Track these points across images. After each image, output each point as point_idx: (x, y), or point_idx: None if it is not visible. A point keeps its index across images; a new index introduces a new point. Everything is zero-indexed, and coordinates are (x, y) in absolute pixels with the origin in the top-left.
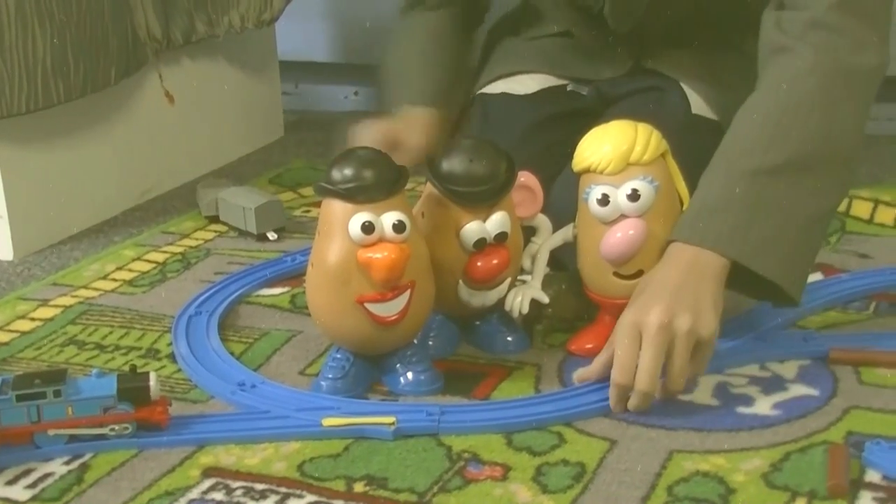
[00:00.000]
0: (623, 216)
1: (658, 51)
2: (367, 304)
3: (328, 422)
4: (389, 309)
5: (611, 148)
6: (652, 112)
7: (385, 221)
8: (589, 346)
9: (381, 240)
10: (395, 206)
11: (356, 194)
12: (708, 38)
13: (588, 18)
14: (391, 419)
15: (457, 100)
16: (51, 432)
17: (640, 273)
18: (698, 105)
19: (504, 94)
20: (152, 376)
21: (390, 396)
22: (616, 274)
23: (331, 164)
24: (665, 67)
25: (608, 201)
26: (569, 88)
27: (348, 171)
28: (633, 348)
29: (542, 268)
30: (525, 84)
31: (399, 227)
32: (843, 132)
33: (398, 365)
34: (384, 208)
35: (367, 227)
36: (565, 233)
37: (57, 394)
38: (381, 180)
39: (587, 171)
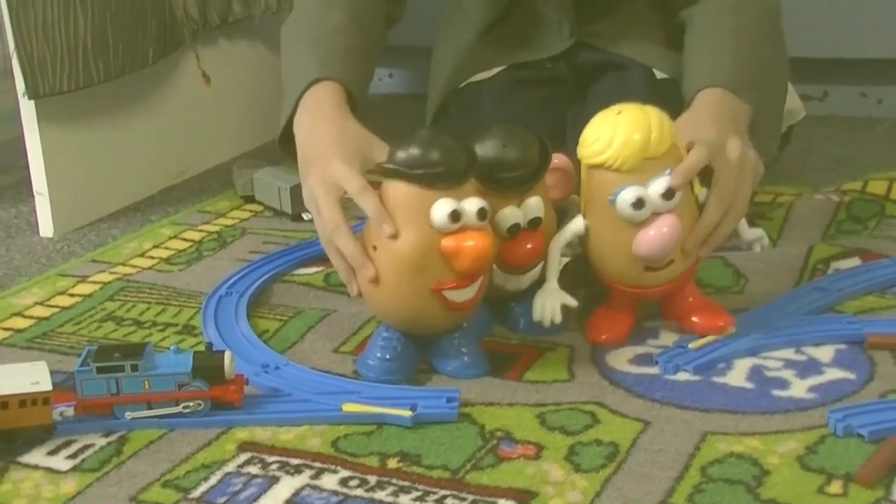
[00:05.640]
0: (653, 214)
1: (596, 25)
2: (444, 292)
3: (348, 407)
4: (464, 294)
5: (625, 142)
6: (622, 87)
7: (468, 208)
8: (604, 336)
9: (465, 227)
10: (473, 192)
11: (435, 180)
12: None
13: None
14: (408, 411)
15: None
16: (127, 415)
17: (671, 262)
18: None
19: (469, 83)
20: (227, 355)
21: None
22: (648, 268)
23: (396, 146)
24: (605, 42)
25: (643, 204)
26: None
27: (419, 154)
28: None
29: (556, 268)
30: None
31: (482, 213)
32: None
33: (447, 347)
34: (463, 194)
35: (455, 216)
36: (574, 226)
37: (134, 368)
38: (458, 166)
39: (601, 167)
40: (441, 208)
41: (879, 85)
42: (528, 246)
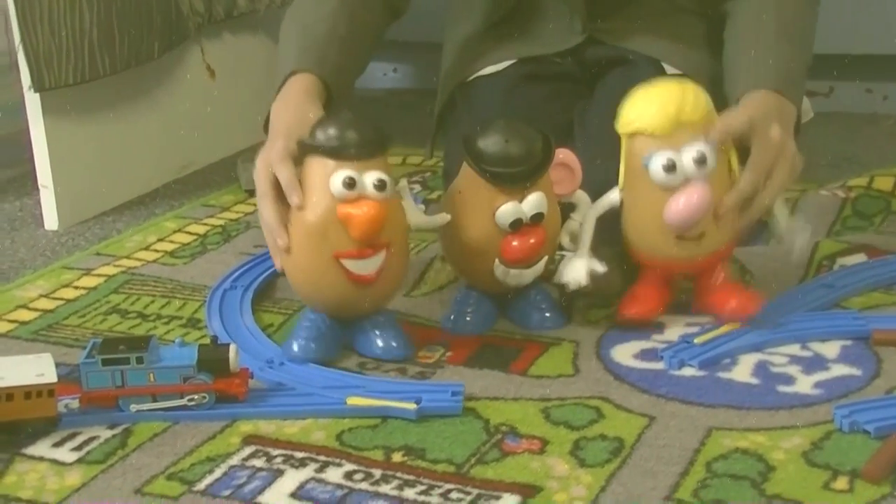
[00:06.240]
0: (686, 180)
1: (609, 22)
2: (344, 261)
3: (353, 401)
4: (366, 267)
5: (661, 108)
6: (630, 83)
7: (366, 179)
8: (634, 311)
9: (361, 197)
10: (377, 167)
11: (339, 152)
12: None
13: None
14: (412, 405)
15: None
16: (133, 407)
17: (703, 236)
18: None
19: (477, 77)
20: (232, 348)
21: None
22: (680, 237)
23: (315, 126)
24: (615, 37)
25: (675, 167)
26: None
27: (332, 131)
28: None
29: (589, 237)
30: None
31: (380, 185)
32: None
33: (370, 330)
34: (366, 167)
35: (349, 183)
36: (610, 198)
37: (139, 360)
38: (363, 141)
39: (637, 133)
40: (338, 176)
41: (885, 81)
42: (531, 241)
